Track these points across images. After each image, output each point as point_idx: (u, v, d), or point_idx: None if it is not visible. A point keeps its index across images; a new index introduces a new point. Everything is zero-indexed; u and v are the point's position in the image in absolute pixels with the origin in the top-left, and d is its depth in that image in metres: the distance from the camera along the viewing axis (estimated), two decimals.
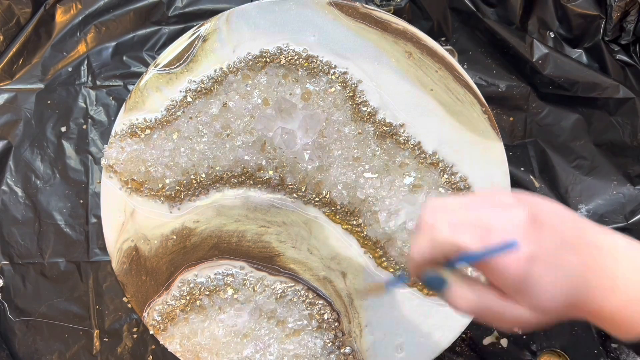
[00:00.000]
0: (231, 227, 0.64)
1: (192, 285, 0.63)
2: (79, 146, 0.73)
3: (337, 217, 0.63)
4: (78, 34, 0.74)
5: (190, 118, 0.64)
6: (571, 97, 0.70)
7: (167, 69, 0.64)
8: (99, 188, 0.71)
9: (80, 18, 0.73)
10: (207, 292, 0.63)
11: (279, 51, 0.64)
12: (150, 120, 0.64)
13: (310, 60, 0.64)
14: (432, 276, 0.36)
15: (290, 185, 0.63)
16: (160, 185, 0.64)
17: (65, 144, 0.73)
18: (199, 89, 0.64)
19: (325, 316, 0.63)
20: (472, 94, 0.63)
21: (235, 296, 0.63)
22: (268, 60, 0.64)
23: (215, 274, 0.64)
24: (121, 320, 0.72)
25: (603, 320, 0.35)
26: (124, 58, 0.74)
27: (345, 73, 0.64)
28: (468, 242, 0.33)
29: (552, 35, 0.72)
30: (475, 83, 0.64)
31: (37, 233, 0.72)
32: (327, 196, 0.63)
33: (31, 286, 0.72)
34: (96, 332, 0.72)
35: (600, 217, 0.70)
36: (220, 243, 0.64)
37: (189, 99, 0.64)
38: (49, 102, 0.73)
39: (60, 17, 0.73)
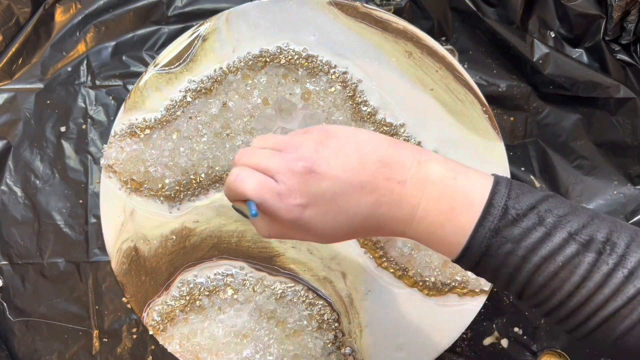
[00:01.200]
0: (231, 227, 0.64)
1: (191, 285, 0.63)
2: (79, 146, 0.73)
3: None
4: (77, 33, 0.74)
5: (190, 118, 0.64)
6: (572, 97, 0.70)
7: (166, 68, 0.64)
8: (98, 188, 0.71)
9: (80, 18, 0.73)
10: (207, 293, 0.63)
11: (278, 51, 0.64)
12: (150, 120, 0.64)
13: (310, 60, 0.64)
14: (237, 208, 0.44)
15: None
16: (159, 185, 0.64)
17: (65, 144, 0.73)
18: (198, 88, 0.64)
19: (325, 316, 0.63)
20: (472, 94, 0.63)
21: (235, 296, 0.63)
22: (268, 60, 0.64)
23: (215, 274, 0.63)
24: (121, 321, 0.71)
25: (417, 241, 0.40)
26: (124, 58, 0.74)
27: (345, 73, 0.64)
28: (248, 190, 0.39)
29: (553, 35, 0.72)
30: (476, 83, 0.64)
31: (36, 233, 0.72)
32: None
33: (30, 286, 0.72)
34: (96, 332, 0.71)
35: None
36: (220, 243, 0.64)
37: (189, 99, 0.64)
38: (48, 102, 0.73)
39: (60, 16, 0.73)
